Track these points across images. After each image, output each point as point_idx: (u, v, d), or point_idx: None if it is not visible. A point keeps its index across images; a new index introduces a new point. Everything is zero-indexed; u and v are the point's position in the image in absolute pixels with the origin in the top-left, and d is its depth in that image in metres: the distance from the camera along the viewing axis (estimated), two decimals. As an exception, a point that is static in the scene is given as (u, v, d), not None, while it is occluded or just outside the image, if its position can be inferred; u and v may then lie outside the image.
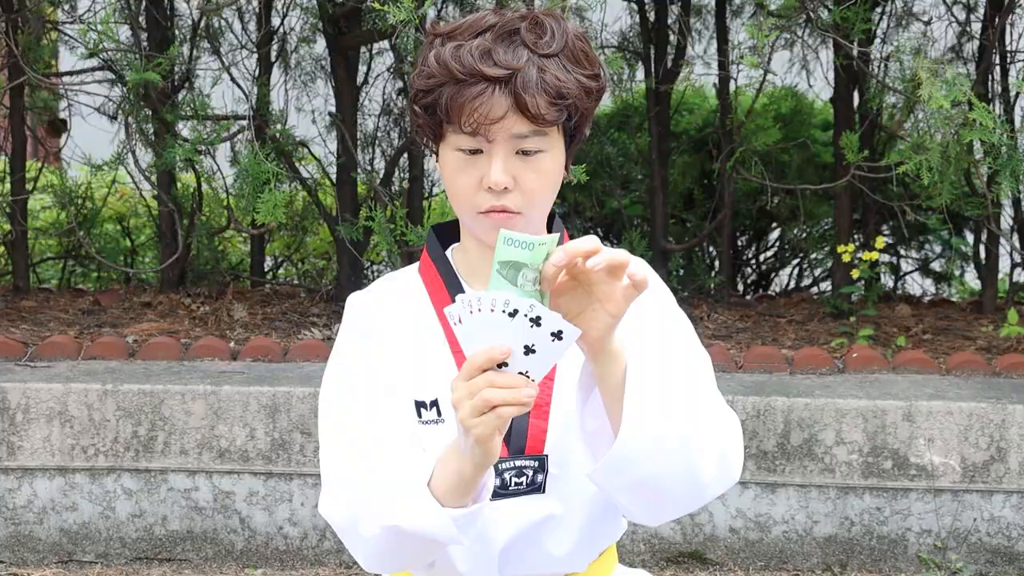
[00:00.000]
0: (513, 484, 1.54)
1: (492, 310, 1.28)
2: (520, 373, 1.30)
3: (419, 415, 1.54)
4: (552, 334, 1.29)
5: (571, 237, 1.54)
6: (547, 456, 1.54)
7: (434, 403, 1.54)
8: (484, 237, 1.51)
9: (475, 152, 1.47)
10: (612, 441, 1.39)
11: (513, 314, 1.28)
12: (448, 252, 1.63)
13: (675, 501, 1.45)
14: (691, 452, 1.39)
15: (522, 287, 1.31)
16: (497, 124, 1.43)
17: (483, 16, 1.48)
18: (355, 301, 1.63)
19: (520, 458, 1.53)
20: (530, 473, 1.54)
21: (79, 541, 3.58)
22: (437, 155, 1.54)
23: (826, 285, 5.85)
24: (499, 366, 1.29)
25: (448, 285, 1.58)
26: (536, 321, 1.28)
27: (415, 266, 1.65)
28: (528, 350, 1.29)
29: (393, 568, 1.53)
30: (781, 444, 3.54)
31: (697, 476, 1.41)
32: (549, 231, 1.60)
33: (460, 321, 1.30)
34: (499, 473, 1.53)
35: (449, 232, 1.65)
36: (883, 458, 3.53)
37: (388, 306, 1.60)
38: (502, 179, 1.45)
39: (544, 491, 1.55)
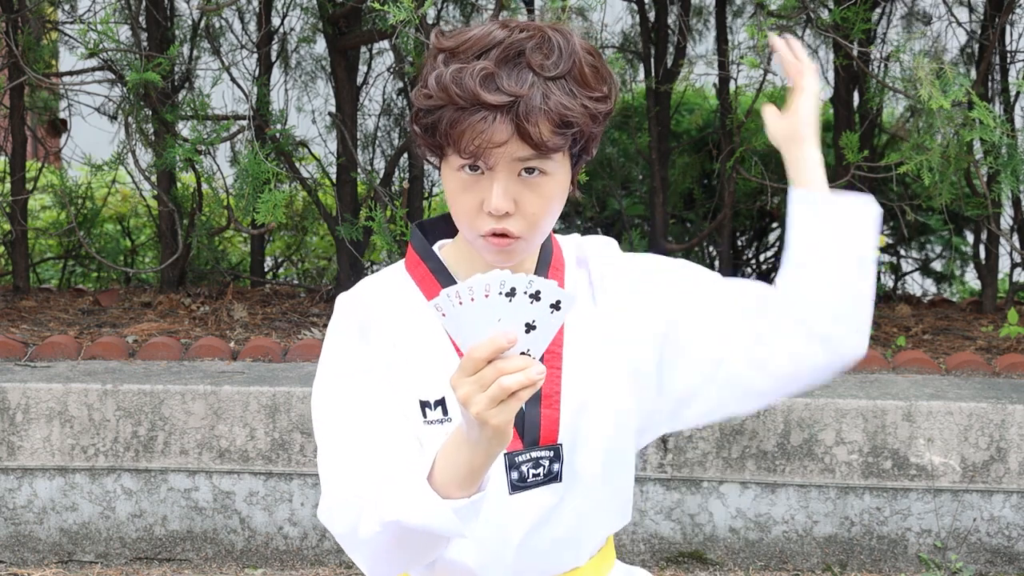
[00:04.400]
0: (531, 476, 1.54)
1: (487, 295, 1.24)
2: (522, 353, 1.26)
3: (424, 415, 1.52)
4: (551, 306, 1.25)
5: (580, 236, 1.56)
6: (561, 444, 1.54)
7: (439, 402, 1.52)
8: (485, 257, 1.49)
9: (475, 170, 1.44)
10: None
11: (511, 293, 1.24)
12: (436, 248, 1.60)
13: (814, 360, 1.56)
14: (868, 283, 1.57)
15: None
16: (498, 150, 1.40)
17: (489, 32, 1.43)
18: (345, 301, 1.59)
19: (536, 449, 1.53)
20: (546, 463, 1.54)
21: (79, 541, 3.58)
22: (439, 170, 1.51)
23: (826, 285, 5.84)
24: None
25: (440, 280, 1.55)
26: (536, 296, 1.24)
27: (398, 265, 1.62)
28: (529, 327, 1.25)
29: (394, 572, 1.51)
30: (781, 444, 3.53)
31: (862, 312, 1.56)
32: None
33: (445, 315, 1.26)
34: (516, 466, 1.53)
35: (434, 229, 1.63)
36: (883, 458, 3.53)
37: (381, 305, 1.57)
38: (503, 205, 1.43)
39: (561, 480, 1.55)
